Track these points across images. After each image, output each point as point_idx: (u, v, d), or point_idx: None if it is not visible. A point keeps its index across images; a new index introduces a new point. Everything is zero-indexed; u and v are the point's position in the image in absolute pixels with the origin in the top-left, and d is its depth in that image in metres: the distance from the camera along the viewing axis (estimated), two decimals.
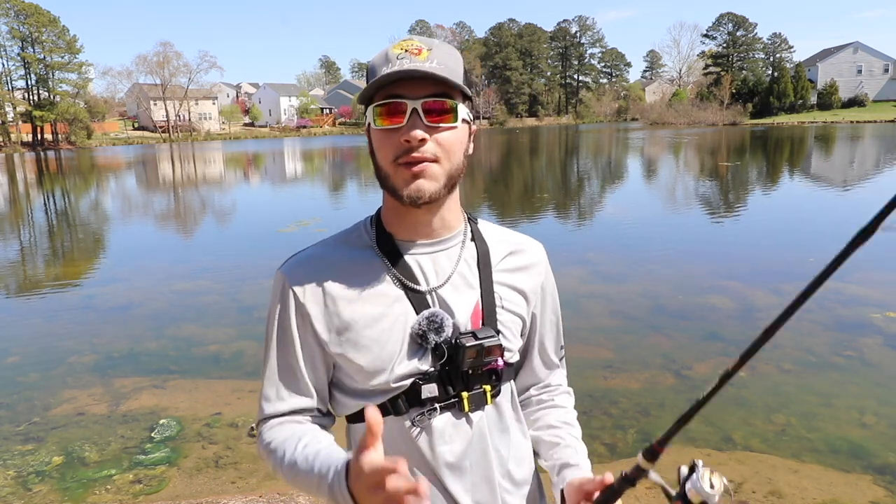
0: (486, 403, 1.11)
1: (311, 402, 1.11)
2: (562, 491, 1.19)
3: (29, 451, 4.27)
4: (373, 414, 0.80)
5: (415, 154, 1.01)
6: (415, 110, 1.00)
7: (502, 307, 1.15)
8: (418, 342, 1.07)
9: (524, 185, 21.23)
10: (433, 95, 1.01)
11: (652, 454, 1.06)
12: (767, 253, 9.44)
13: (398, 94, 1.01)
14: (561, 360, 1.34)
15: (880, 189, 16.95)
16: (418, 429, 1.07)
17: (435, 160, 1.02)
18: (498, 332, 1.11)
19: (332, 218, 14.58)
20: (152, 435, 4.44)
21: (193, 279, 9.14)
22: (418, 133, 1.00)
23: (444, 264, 1.11)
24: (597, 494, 1.08)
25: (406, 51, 1.02)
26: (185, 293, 8.38)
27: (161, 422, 4.61)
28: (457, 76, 1.03)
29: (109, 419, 4.72)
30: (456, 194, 1.12)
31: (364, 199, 18.42)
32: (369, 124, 1.06)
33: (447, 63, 1.02)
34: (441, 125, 1.02)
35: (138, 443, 4.35)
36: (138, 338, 6.57)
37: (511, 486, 1.17)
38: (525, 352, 1.27)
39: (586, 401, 4.76)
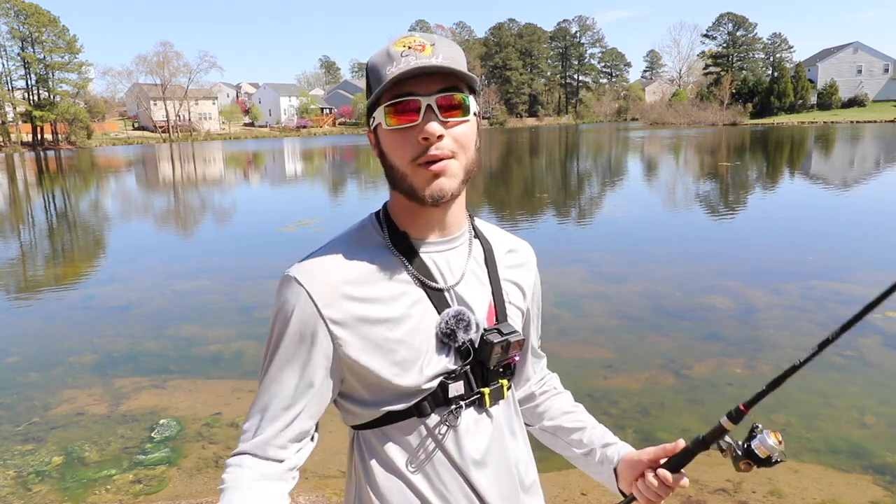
0: (503, 398, 1.13)
1: (297, 447, 1.06)
2: (614, 469, 1.22)
3: (29, 451, 4.27)
4: None
5: (434, 152, 0.98)
6: (429, 106, 0.97)
7: (509, 302, 1.16)
8: (444, 341, 1.05)
9: (524, 184, 21.23)
10: (445, 90, 0.98)
11: (737, 415, 1.12)
12: (767, 253, 9.42)
13: (409, 92, 0.97)
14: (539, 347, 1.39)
15: (881, 188, 16.99)
16: (446, 427, 1.06)
17: (452, 156, 1.00)
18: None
19: (332, 218, 14.59)
20: (152, 435, 4.44)
21: (193, 279, 9.14)
22: (437, 128, 0.97)
23: (456, 262, 1.10)
24: (663, 460, 1.13)
25: (409, 48, 0.98)
26: (185, 293, 8.38)
27: (161, 422, 4.61)
28: (464, 68, 1.01)
29: (109, 419, 4.72)
30: (463, 191, 1.12)
31: (364, 199, 18.43)
32: (377, 126, 1.02)
33: (452, 56, 1.00)
34: (454, 119, 1.00)
35: (138, 443, 4.35)
36: (138, 338, 6.57)
37: (523, 483, 1.17)
38: None
39: (586, 401, 4.72)
